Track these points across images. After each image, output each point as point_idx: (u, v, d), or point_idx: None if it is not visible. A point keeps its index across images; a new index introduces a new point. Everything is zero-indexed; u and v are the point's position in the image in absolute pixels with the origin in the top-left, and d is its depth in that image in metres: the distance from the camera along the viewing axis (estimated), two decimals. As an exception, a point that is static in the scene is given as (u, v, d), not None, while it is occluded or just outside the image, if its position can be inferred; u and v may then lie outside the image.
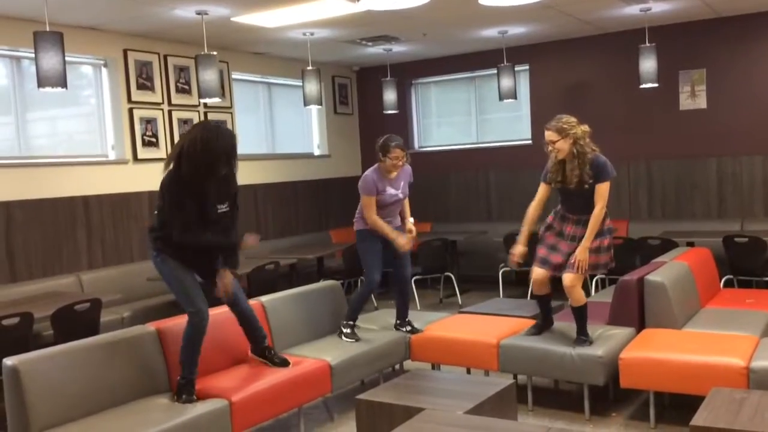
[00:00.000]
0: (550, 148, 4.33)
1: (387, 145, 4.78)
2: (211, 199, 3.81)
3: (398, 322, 5.07)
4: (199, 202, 3.76)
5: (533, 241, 4.57)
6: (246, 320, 4.24)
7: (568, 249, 4.40)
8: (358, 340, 4.76)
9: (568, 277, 4.35)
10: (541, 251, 4.52)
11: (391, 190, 4.85)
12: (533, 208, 4.55)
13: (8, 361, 3.38)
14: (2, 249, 5.93)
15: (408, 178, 4.99)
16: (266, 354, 4.29)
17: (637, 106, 8.05)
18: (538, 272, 4.50)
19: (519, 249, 4.50)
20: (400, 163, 4.80)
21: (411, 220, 5.07)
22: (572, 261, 4.33)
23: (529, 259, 4.55)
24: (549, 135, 4.31)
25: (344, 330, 4.82)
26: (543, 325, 4.70)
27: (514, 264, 4.51)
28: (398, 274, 5.04)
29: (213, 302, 4.04)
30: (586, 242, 4.29)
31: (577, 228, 4.39)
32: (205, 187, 3.76)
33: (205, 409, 3.63)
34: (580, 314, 4.42)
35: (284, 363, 4.24)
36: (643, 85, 7.24)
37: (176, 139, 7.33)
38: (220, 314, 4.29)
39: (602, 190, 4.27)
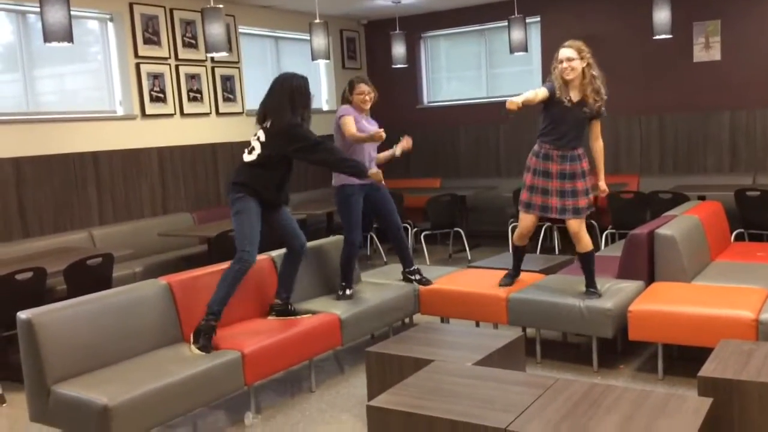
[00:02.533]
0: (565, 65, 4.25)
1: (352, 81, 4.84)
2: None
3: (406, 270, 5.08)
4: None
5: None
6: (294, 263, 4.43)
7: (559, 186, 4.38)
8: (350, 298, 4.73)
9: (573, 223, 4.40)
10: (524, 195, 4.53)
11: (366, 125, 4.78)
12: (532, 91, 4.24)
13: (22, 315, 3.43)
14: (14, 205, 5.97)
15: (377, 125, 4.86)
16: (288, 310, 4.39)
17: (651, 59, 7.92)
18: (526, 219, 4.55)
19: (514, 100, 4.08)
20: (368, 98, 4.79)
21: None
22: (569, 204, 4.35)
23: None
24: (568, 52, 4.27)
25: (339, 292, 4.80)
26: (515, 275, 4.80)
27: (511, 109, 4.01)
28: (387, 223, 5.00)
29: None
30: (601, 173, 4.54)
31: (563, 164, 4.36)
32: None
33: (218, 361, 3.68)
34: (588, 261, 4.43)
35: (306, 313, 4.43)
36: (657, 37, 7.10)
37: (184, 94, 7.29)
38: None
39: (599, 127, 4.49)
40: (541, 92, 4.25)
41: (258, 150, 4.19)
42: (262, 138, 4.20)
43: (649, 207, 6.73)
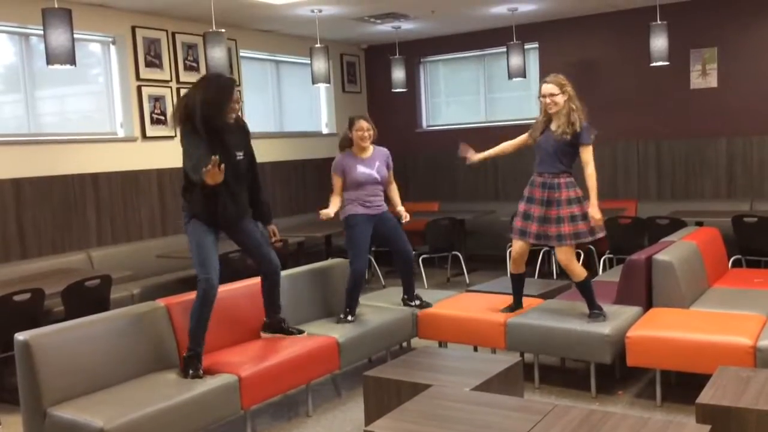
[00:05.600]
0: (548, 100, 4.40)
1: (352, 119, 4.94)
2: (227, 143, 3.95)
3: (405, 297, 5.10)
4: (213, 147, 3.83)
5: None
6: (271, 286, 4.29)
7: (539, 213, 4.44)
8: (350, 322, 4.73)
9: (561, 255, 4.43)
10: (517, 222, 4.57)
11: (362, 168, 4.84)
12: (506, 142, 4.81)
13: (20, 337, 3.42)
14: (13, 226, 5.97)
15: (385, 159, 4.96)
16: (281, 327, 4.35)
17: (648, 85, 7.98)
18: (516, 244, 4.59)
19: (473, 152, 4.82)
20: (367, 134, 4.84)
21: (401, 209, 4.98)
22: (553, 231, 4.37)
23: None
24: (549, 88, 4.41)
25: (340, 315, 4.80)
26: (515, 307, 4.76)
27: (463, 152, 4.86)
28: (396, 250, 5.03)
29: (237, 275, 4.27)
30: (593, 200, 4.33)
31: (543, 191, 4.42)
32: (219, 131, 3.89)
33: (215, 384, 3.66)
34: (585, 288, 4.45)
35: (300, 332, 4.39)
36: (654, 64, 7.17)
37: (184, 116, 7.32)
38: (231, 290, 4.34)
39: (586, 154, 4.37)
40: (518, 138, 4.71)
41: None
42: None
43: (646, 232, 6.75)
